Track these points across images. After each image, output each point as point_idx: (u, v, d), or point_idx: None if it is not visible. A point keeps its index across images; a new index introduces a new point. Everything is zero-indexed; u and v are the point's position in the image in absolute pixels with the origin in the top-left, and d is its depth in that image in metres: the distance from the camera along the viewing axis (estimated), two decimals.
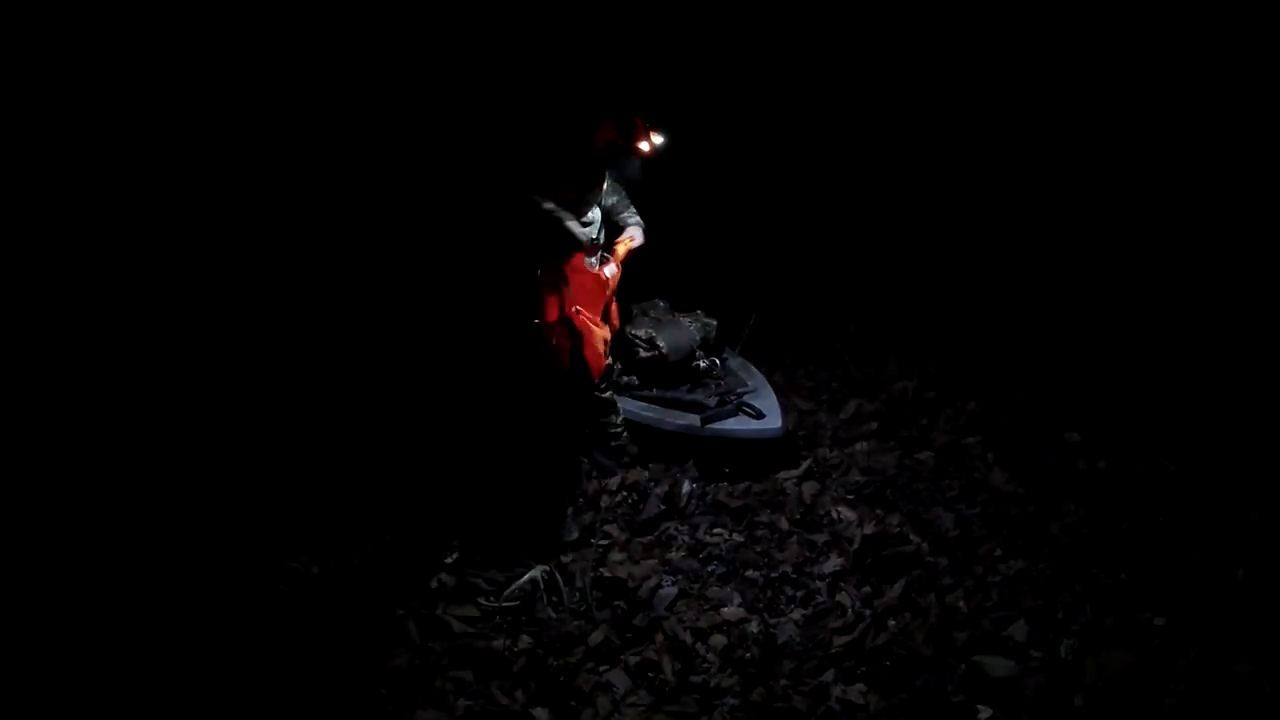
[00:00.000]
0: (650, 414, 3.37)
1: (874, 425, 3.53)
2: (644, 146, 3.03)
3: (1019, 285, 4.12)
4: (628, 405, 3.39)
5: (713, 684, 2.48)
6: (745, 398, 3.39)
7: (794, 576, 2.83)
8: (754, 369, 3.59)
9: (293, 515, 3.14)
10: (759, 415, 3.31)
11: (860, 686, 2.42)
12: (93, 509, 3.05)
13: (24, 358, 3.30)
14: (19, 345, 3.29)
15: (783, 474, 3.26)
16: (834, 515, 3.05)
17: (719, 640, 2.61)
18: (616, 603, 2.78)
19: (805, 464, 3.30)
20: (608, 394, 3.28)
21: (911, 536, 2.90)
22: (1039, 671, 2.37)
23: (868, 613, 2.64)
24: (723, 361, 3.58)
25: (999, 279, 4.17)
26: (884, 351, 3.98)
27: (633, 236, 3.25)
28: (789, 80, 4.42)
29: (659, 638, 2.62)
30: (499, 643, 2.64)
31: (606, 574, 2.87)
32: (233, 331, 3.73)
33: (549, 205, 2.96)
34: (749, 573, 2.85)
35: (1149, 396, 3.45)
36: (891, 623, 2.59)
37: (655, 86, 3.32)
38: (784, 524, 3.04)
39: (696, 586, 2.81)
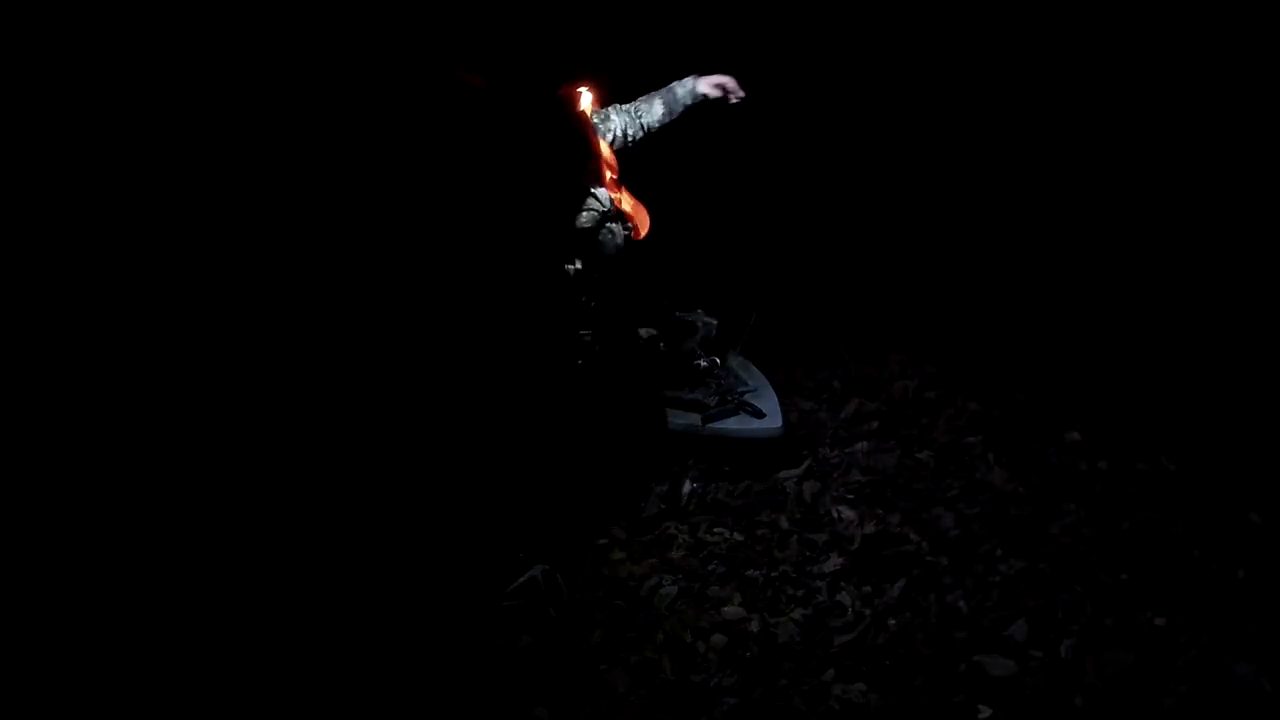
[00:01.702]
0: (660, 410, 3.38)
1: (874, 425, 3.53)
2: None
3: (1019, 285, 4.11)
4: None
5: (713, 683, 2.48)
6: (746, 397, 3.39)
7: (794, 576, 2.83)
8: (754, 368, 3.59)
9: (289, 511, 3.14)
10: (760, 415, 3.31)
11: (860, 686, 2.42)
12: (92, 509, 3.05)
13: (24, 358, 3.29)
14: (19, 346, 3.29)
15: (783, 473, 3.26)
16: (834, 515, 3.05)
17: (719, 639, 2.61)
18: (617, 602, 2.78)
19: (806, 463, 3.30)
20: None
21: (912, 536, 2.90)
22: (1039, 671, 2.37)
23: (868, 612, 2.64)
24: (723, 361, 3.58)
25: (999, 278, 4.16)
26: (884, 351, 3.98)
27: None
28: (788, 79, 4.41)
29: (659, 637, 2.63)
30: (499, 642, 2.65)
31: (607, 573, 2.87)
32: (233, 331, 3.73)
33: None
34: (749, 572, 2.85)
35: (1149, 396, 3.45)
36: (891, 622, 2.60)
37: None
38: (784, 523, 3.05)
39: (697, 586, 2.82)
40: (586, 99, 3.00)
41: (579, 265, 2.93)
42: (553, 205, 2.96)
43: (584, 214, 2.94)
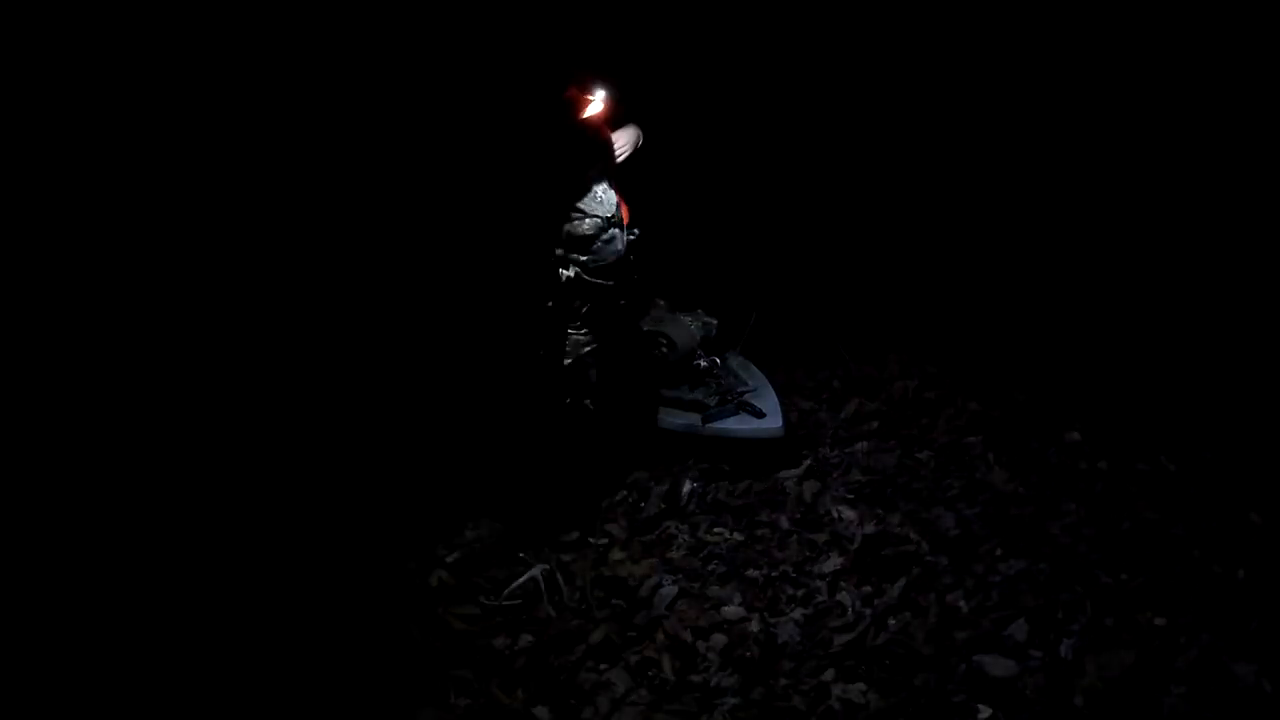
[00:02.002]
0: (657, 415, 3.38)
1: (874, 424, 3.54)
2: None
3: (1019, 285, 4.12)
4: None
5: (713, 683, 2.48)
6: (746, 397, 3.39)
7: (794, 576, 2.83)
8: (755, 368, 3.59)
9: (291, 513, 3.14)
10: (760, 414, 3.31)
11: (860, 685, 2.43)
12: (91, 509, 3.05)
13: (24, 358, 3.29)
14: (19, 345, 3.29)
15: (783, 473, 3.26)
16: (834, 514, 3.05)
17: (719, 639, 2.61)
18: (617, 601, 2.78)
19: (806, 463, 3.30)
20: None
21: (912, 536, 2.91)
22: (1039, 671, 2.38)
23: (868, 612, 2.64)
24: (723, 361, 3.58)
25: (998, 278, 4.17)
26: (884, 351, 3.98)
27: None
28: (788, 78, 4.42)
29: (659, 636, 2.63)
30: (499, 641, 2.65)
31: (607, 573, 2.87)
32: (232, 330, 3.73)
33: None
34: (749, 572, 2.85)
35: (1149, 396, 3.45)
36: (891, 622, 2.60)
37: (653, 83, 3.31)
38: (784, 523, 3.05)
39: (697, 585, 2.82)
40: (598, 103, 2.96)
41: (573, 272, 2.92)
42: (546, 210, 2.95)
43: (586, 221, 2.93)
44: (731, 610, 2.71)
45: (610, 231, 2.97)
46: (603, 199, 2.96)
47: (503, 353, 3.30)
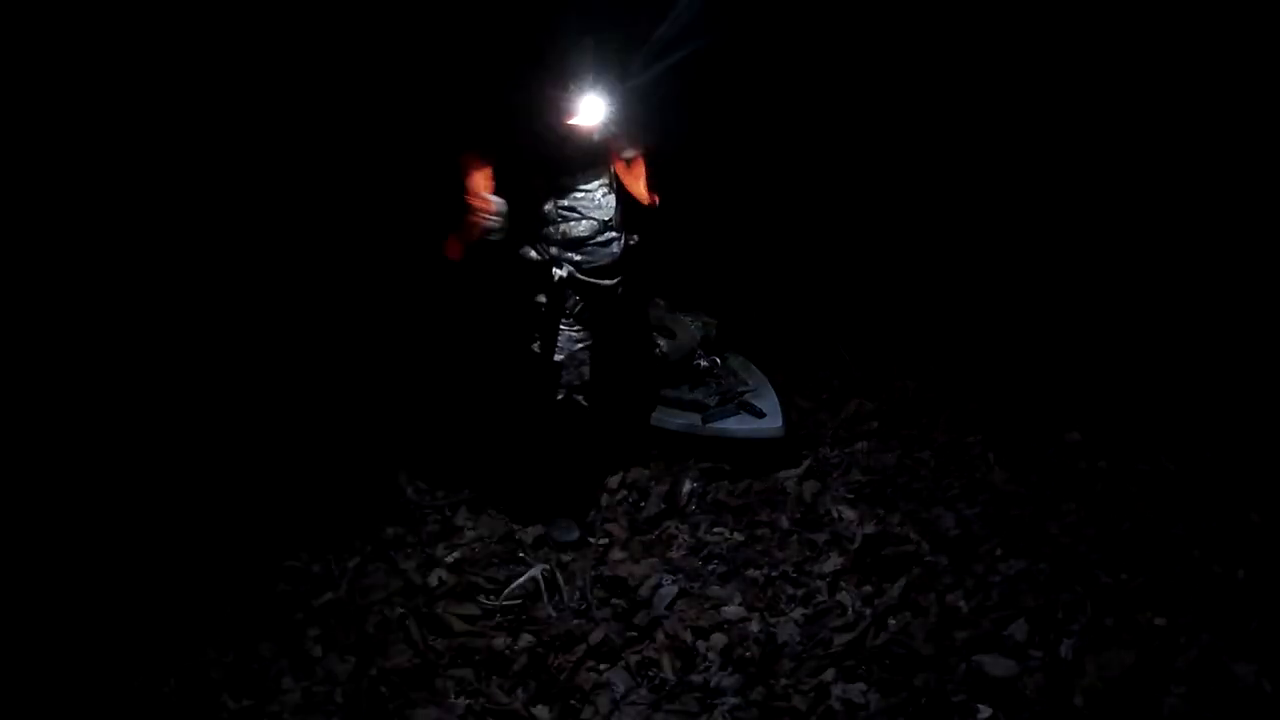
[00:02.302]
0: (651, 413, 3.38)
1: (874, 424, 3.54)
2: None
3: (1018, 285, 4.12)
4: None
5: (713, 683, 2.48)
6: (746, 397, 3.39)
7: (794, 575, 2.83)
8: (755, 368, 3.59)
9: (291, 513, 3.14)
10: (760, 414, 3.31)
11: (860, 685, 2.43)
12: (89, 507, 3.05)
13: (21, 357, 3.29)
14: (16, 345, 3.29)
15: (783, 473, 3.26)
16: (834, 514, 3.05)
17: (719, 639, 2.61)
18: (617, 601, 2.78)
19: (806, 463, 3.30)
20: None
21: (912, 536, 2.91)
22: (1039, 671, 2.38)
23: (868, 612, 2.64)
24: (723, 361, 3.58)
25: (998, 279, 4.17)
26: (884, 351, 3.98)
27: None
28: (788, 79, 4.42)
29: (659, 636, 2.63)
30: (499, 641, 2.65)
31: (607, 573, 2.87)
32: (231, 329, 3.73)
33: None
34: (749, 572, 2.85)
35: (1149, 396, 3.45)
36: (892, 622, 2.60)
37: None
38: (784, 523, 3.05)
39: (697, 585, 2.82)
40: (592, 110, 2.92)
41: (565, 272, 2.91)
42: (540, 210, 2.93)
43: (582, 222, 2.92)
44: (731, 610, 2.71)
45: (606, 234, 2.96)
46: (601, 202, 2.94)
47: (496, 348, 3.29)
